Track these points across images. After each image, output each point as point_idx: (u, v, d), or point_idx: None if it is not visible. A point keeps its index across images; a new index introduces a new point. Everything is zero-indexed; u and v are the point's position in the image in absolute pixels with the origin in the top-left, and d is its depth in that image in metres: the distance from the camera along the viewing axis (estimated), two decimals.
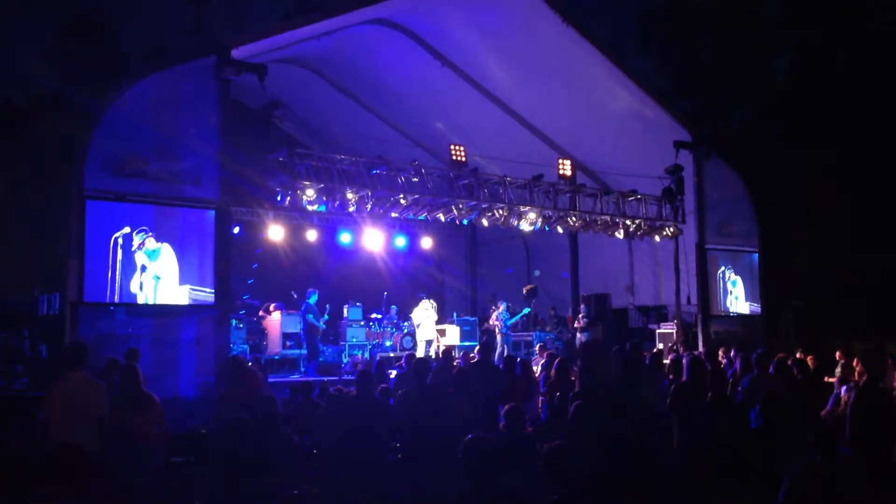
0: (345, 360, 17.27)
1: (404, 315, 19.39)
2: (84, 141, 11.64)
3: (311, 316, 16.60)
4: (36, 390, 10.21)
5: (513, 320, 19.17)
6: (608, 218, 17.25)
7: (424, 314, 18.17)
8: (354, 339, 18.26)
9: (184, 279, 12.40)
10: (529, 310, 20.67)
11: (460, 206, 15.88)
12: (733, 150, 21.47)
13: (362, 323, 18.79)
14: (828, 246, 24.63)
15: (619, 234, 17.74)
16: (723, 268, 18.76)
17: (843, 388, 11.52)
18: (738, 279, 19.20)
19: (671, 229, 17.78)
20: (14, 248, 14.13)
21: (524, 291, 22.39)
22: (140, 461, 7.45)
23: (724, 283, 18.87)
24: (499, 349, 18.39)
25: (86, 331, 11.29)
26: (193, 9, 38.39)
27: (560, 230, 17.59)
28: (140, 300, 12.01)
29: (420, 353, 17.29)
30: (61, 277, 11.71)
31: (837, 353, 15.77)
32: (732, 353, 12.90)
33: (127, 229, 11.91)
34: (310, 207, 14.21)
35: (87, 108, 12.41)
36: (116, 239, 11.80)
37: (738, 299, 19.17)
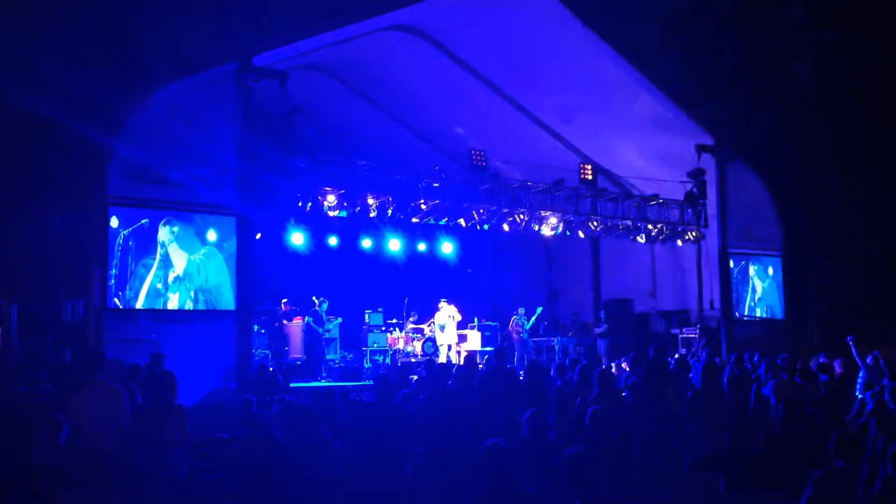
0: (366, 366, 17.26)
1: (425, 320, 19.35)
2: (107, 148, 11.77)
3: (310, 320, 16.66)
4: (60, 396, 10.29)
5: (529, 324, 19.08)
6: (630, 222, 17.18)
7: (447, 315, 18.14)
8: (375, 345, 18.24)
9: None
10: (542, 308, 20.49)
11: (481, 211, 15.86)
12: (756, 154, 21.26)
13: (383, 328, 18.78)
14: (854, 250, 24.32)
15: (641, 239, 17.64)
16: (743, 263, 18.66)
17: (867, 394, 11.35)
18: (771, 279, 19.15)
19: (694, 233, 17.68)
20: (37, 255, 14.26)
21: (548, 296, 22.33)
22: (165, 467, 7.48)
23: (752, 285, 18.76)
24: (518, 354, 18.31)
25: (109, 336, 11.38)
26: (215, 16, 38.66)
27: (581, 235, 17.51)
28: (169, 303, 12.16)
29: (442, 357, 17.27)
30: (85, 283, 11.80)
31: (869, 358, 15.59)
32: (756, 358, 12.80)
33: (145, 221, 12.03)
34: (331, 213, 14.26)
35: (110, 116, 12.51)
36: (127, 237, 11.90)
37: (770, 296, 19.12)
